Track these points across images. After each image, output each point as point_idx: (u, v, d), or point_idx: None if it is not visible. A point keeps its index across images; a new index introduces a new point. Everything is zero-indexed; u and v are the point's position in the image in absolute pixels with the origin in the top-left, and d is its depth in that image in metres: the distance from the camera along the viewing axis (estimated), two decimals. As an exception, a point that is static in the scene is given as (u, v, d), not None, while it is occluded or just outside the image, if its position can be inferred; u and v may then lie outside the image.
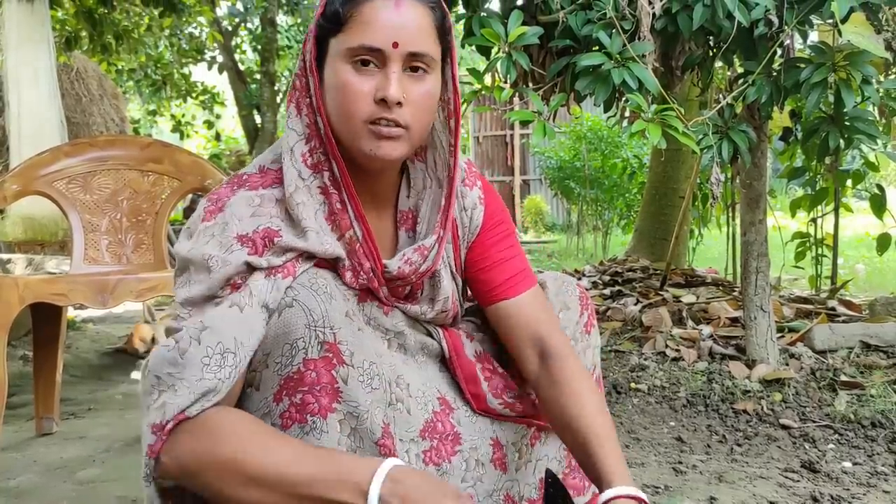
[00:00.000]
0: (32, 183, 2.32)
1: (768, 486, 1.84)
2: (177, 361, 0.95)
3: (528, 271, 1.23)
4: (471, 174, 1.23)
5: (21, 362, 3.32)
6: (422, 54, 1.02)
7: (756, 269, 2.56)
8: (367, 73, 1.01)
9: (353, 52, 1.01)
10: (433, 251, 1.13)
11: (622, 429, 2.35)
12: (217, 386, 0.94)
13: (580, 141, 8.40)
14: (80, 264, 2.33)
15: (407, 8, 1.01)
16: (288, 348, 1.01)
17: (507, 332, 1.21)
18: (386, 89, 1.00)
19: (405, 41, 1.00)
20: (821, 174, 3.22)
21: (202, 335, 0.96)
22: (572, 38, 2.27)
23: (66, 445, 2.31)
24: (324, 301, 1.02)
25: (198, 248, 1.02)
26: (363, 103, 1.01)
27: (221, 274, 0.99)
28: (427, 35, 1.03)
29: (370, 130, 1.02)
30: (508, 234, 1.25)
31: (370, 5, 1.00)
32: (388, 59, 1.01)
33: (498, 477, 1.23)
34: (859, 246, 6.99)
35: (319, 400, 1.02)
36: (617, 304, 3.51)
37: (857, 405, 2.32)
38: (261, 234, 1.03)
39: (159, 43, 10.67)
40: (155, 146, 2.49)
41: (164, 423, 0.93)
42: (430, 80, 1.05)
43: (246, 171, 1.13)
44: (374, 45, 1.00)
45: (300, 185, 1.06)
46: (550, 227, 12.86)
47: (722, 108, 2.30)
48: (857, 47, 2.05)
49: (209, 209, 1.07)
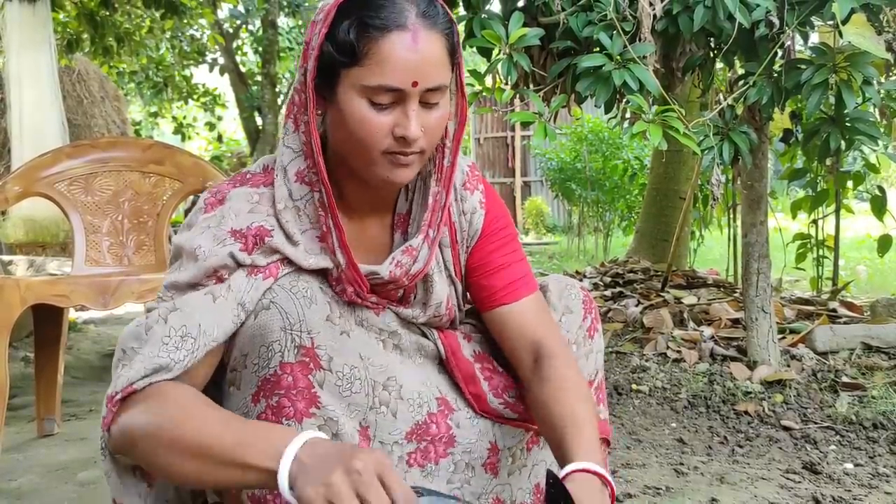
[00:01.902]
0: (34, 184, 2.32)
1: (770, 488, 1.84)
2: (141, 336, 0.97)
3: (529, 277, 1.22)
4: (473, 178, 1.22)
5: (22, 364, 3.32)
6: (438, 87, 1.01)
7: (757, 270, 2.56)
8: (384, 108, 1.00)
9: (372, 90, 0.98)
10: (421, 251, 1.12)
11: (623, 430, 2.35)
12: (169, 364, 0.95)
13: (581, 142, 8.39)
14: (81, 266, 2.33)
15: (425, 43, 0.98)
16: (264, 350, 1.02)
17: (505, 336, 1.20)
18: (407, 128, 0.99)
19: (424, 79, 0.99)
20: (822, 175, 3.21)
21: (170, 315, 0.98)
22: (573, 40, 2.27)
23: (67, 447, 2.31)
24: (302, 305, 1.03)
25: (192, 238, 1.04)
26: (381, 137, 1.01)
27: (207, 264, 1.01)
28: (443, 66, 1.01)
29: (387, 160, 1.02)
30: (510, 239, 1.23)
31: (388, 41, 0.97)
32: (407, 96, 0.99)
33: (488, 481, 1.22)
34: (860, 247, 6.99)
35: (295, 404, 1.03)
36: (618, 306, 3.51)
37: (858, 406, 2.31)
38: (254, 231, 1.04)
39: (161, 45, 10.67)
40: (156, 148, 2.50)
41: (114, 395, 0.95)
42: (444, 104, 1.04)
43: (249, 170, 1.13)
44: (394, 87, 0.98)
45: (289, 206, 1.07)
46: (551, 229, 12.86)
47: (723, 109, 2.30)
48: (857, 48, 2.05)
49: (210, 201, 1.08)
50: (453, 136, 1.13)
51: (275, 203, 1.06)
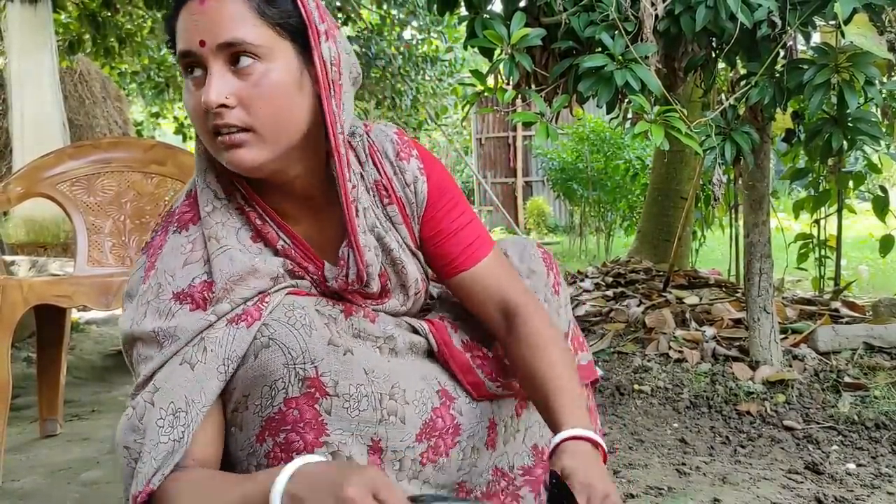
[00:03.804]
0: (36, 185, 2.33)
1: (772, 488, 1.84)
2: (137, 427, 0.95)
3: (484, 236, 1.19)
4: (404, 145, 1.14)
5: (25, 364, 3.33)
6: (236, 43, 0.93)
7: (759, 270, 2.56)
8: (198, 83, 0.96)
9: (181, 65, 0.96)
10: (349, 258, 1.06)
11: (625, 430, 2.35)
12: (174, 447, 0.93)
13: (583, 143, 8.39)
14: (83, 266, 2.33)
15: (212, 2, 0.94)
16: (267, 390, 0.99)
17: (472, 300, 1.18)
18: (204, 95, 0.93)
19: (212, 35, 0.93)
20: (824, 176, 3.21)
21: (154, 397, 0.95)
22: (575, 40, 2.27)
23: (69, 447, 2.31)
24: (302, 336, 0.99)
25: (139, 324, 1.00)
26: (199, 116, 0.96)
27: (173, 349, 0.97)
28: (241, 21, 0.93)
29: (217, 142, 0.97)
30: (457, 201, 1.17)
31: (182, 14, 0.95)
32: (205, 60, 0.94)
33: (489, 456, 1.22)
34: (862, 248, 6.97)
35: (304, 437, 1.01)
36: (620, 306, 3.50)
37: (860, 406, 2.31)
38: (198, 287, 1.00)
39: (162, 46, 10.67)
40: (158, 148, 2.50)
41: (136, 496, 0.93)
42: (264, 69, 0.95)
43: (177, 201, 1.10)
44: (184, 49, 0.94)
45: (217, 206, 1.04)
46: (553, 229, 12.85)
47: (725, 109, 2.30)
48: (860, 48, 2.05)
49: (146, 267, 1.05)
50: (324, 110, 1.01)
51: (200, 209, 1.03)
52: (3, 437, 1.98)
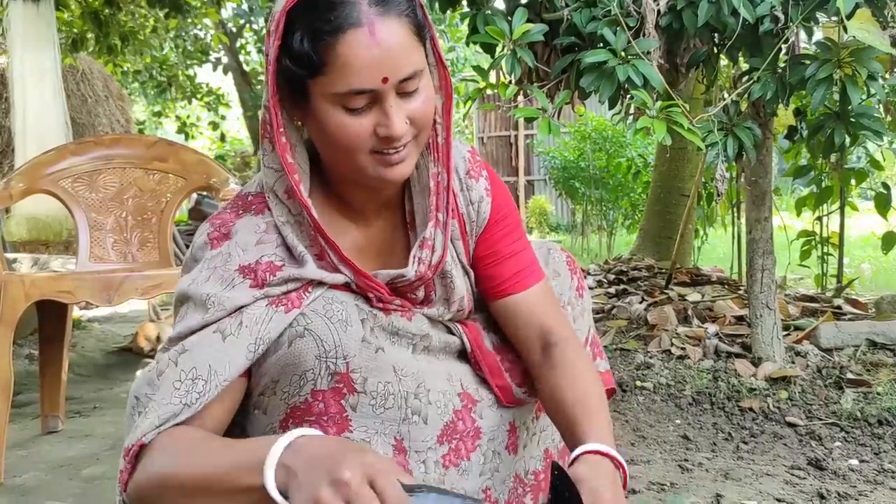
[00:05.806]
0: (38, 181, 2.33)
1: (775, 484, 1.84)
2: (153, 382, 0.95)
3: (536, 264, 1.20)
4: (475, 164, 1.17)
5: (27, 361, 3.34)
6: (416, 73, 0.95)
7: (762, 267, 2.55)
8: (361, 110, 0.95)
9: (342, 97, 0.93)
10: (436, 239, 1.09)
11: (628, 427, 2.35)
12: (179, 410, 0.93)
13: (585, 141, 8.39)
14: (85, 262, 2.33)
15: (385, 34, 0.91)
16: (297, 379, 1.00)
17: (513, 325, 1.18)
18: (390, 127, 0.94)
19: (393, 72, 0.92)
20: (826, 172, 3.20)
21: (180, 358, 0.95)
22: (577, 36, 2.27)
23: (71, 443, 2.32)
24: (338, 330, 1.00)
25: (198, 285, 1.00)
26: (363, 140, 0.96)
27: (216, 316, 0.97)
28: (412, 50, 0.94)
29: (377, 160, 0.98)
30: (515, 226, 1.19)
31: (344, 44, 0.90)
32: (382, 93, 0.93)
33: (511, 461, 1.22)
34: (865, 245, 6.97)
35: (326, 430, 1.01)
36: (622, 303, 3.50)
37: (863, 403, 2.31)
38: (264, 266, 1.00)
39: (164, 44, 10.68)
40: (160, 145, 2.50)
41: (129, 448, 0.92)
42: (424, 86, 0.98)
43: (249, 191, 1.10)
44: (364, 88, 0.92)
45: (290, 220, 1.04)
46: (555, 228, 12.84)
47: (727, 105, 2.29)
48: (862, 44, 2.04)
49: (214, 235, 1.04)
50: (442, 110, 1.06)
51: (278, 226, 1.03)
52: (5, 433, 1.98)
